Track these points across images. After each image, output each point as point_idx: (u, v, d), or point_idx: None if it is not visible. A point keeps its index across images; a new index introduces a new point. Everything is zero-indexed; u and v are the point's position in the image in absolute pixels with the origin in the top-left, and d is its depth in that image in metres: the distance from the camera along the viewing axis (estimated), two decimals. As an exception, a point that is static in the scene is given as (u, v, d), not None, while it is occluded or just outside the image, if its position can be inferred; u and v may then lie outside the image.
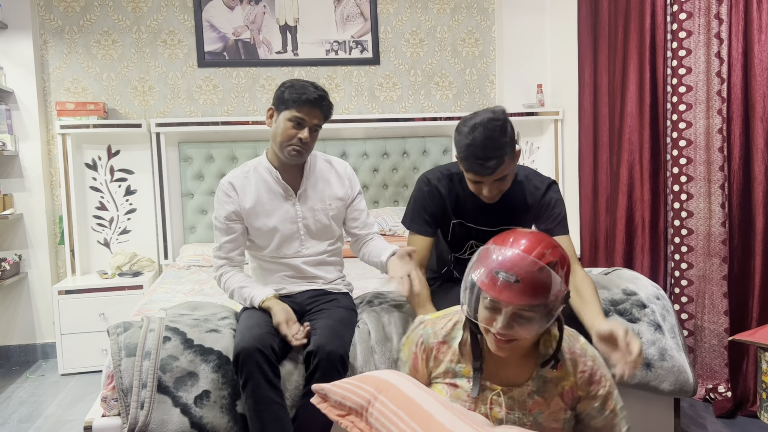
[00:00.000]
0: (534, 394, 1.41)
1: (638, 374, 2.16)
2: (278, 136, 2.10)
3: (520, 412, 1.41)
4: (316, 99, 2.05)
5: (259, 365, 1.83)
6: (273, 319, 1.99)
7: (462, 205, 2.07)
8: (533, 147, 4.31)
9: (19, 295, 3.86)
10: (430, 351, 1.49)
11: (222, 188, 2.18)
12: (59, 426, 2.85)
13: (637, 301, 2.30)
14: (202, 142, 3.98)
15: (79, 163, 3.88)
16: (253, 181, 2.18)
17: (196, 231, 4.00)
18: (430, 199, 2.07)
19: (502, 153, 1.80)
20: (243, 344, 1.86)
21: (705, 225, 2.83)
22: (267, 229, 2.16)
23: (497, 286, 1.30)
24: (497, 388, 1.42)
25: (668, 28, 2.95)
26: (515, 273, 1.29)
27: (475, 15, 4.33)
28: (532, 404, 1.41)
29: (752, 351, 2.70)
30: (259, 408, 1.82)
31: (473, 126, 1.80)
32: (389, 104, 4.28)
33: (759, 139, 2.66)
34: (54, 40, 3.92)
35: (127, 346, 1.98)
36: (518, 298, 1.29)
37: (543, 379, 1.43)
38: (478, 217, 2.07)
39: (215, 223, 2.19)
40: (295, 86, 2.07)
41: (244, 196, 2.15)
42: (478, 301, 1.35)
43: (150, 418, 1.87)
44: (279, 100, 2.10)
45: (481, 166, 1.80)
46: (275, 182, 2.17)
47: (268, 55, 4.13)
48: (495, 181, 1.87)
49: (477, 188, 1.92)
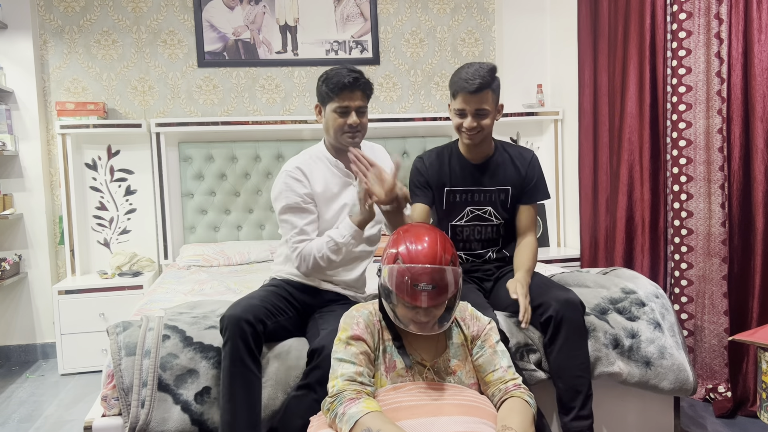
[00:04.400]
0: (453, 359, 1.70)
1: (638, 372, 2.17)
2: (330, 128, 2.16)
3: (448, 376, 1.69)
4: (351, 83, 2.09)
5: (243, 332, 1.85)
6: (365, 201, 2.01)
7: (453, 172, 2.31)
8: (533, 147, 4.31)
9: (19, 295, 3.86)
10: (372, 326, 1.69)
11: (290, 174, 2.14)
12: (59, 426, 2.85)
13: (636, 299, 2.30)
14: (202, 142, 3.98)
15: (79, 163, 3.88)
16: (317, 167, 2.20)
17: (196, 231, 4.00)
18: (422, 170, 2.32)
19: (488, 80, 2.13)
20: (232, 311, 1.90)
21: (705, 225, 2.83)
22: (334, 212, 2.18)
23: (418, 296, 1.56)
24: (427, 363, 1.68)
25: (668, 28, 2.95)
26: (430, 282, 1.56)
27: (475, 15, 4.34)
28: (453, 367, 1.70)
29: (752, 351, 2.70)
30: (233, 370, 1.84)
31: (468, 64, 2.17)
32: (389, 104, 4.28)
33: (759, 139, 2.66)
34: (54, 40, 3.92)
35: (127, 346, 1.98)
36: (435, 299, 1.57)
37: (455, 346, 1.72)
38: (468, 180, 2.31)
39: (286, 211, 2.12)
40: (329, 77, 2.12)
41: (313, 181, 2.17)
42: (396, 304, 1.60)
43: (151, 416, 1.87)
44: (320, 95, 2.17)
45: (467, 83, 2.11)
46: (336, 168, 2.22)
47: (268, 55, 4.13)
48: (476, 113, 2.15)
49: (460, 121, 2.19)
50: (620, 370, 2.16)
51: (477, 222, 2.34)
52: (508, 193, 2.33)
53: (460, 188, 2.31)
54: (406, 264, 1.58)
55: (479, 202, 2.32)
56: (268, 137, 4.03)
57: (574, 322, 2.05)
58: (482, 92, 2.13)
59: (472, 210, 2.32)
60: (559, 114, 4.12)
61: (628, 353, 2.18)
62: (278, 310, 2.05)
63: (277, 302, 2.07)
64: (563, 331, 2.03)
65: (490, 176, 2.31)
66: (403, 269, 1.57)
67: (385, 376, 1.66)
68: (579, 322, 2.08)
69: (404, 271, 1.57)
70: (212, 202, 4.00)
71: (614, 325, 2.21)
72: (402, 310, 1.60)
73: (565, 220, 4.22)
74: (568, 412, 2.01)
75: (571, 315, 2.05)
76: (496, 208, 2.33)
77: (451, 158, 2.32)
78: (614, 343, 2.18)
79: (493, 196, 2.32)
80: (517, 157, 2.34)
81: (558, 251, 4.08)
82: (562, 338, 2.03)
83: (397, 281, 1.58)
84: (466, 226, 2.34)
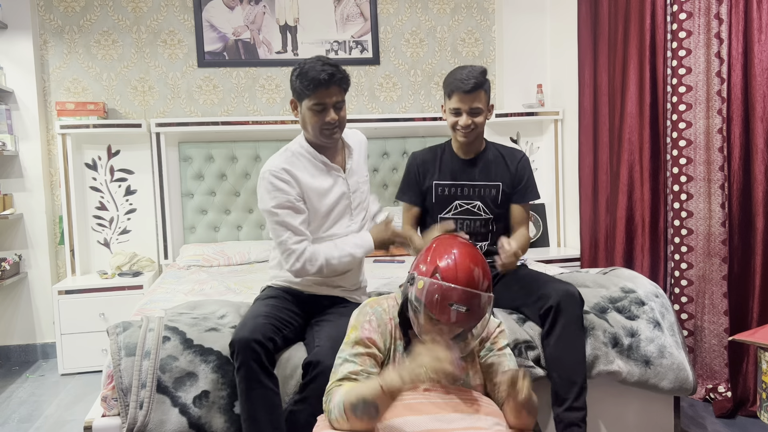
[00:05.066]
0: (460, 360, 1.65)
1: (637, 371, 2.17)
2: (308, 125, 2.11)
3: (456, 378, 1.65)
4: (327, 79, 2.03)
5: (256, 353, 1.83)
6: (395, 240, 2.20)
7: (443, 167, 2.41)
8: (533, 147, 4.31)
9: (19, 295, 3.87)
10: (384, 326, 1.67)
11: (277, 176, 2.07)
12: (59, 426, 2.85)
13: (636, 298, 2.30)
14: (202, 142, 3.98)
15: (79, 163, 3.88)
16: (302, 164, 2.14)
17: (196, 231, 4.00)
18: (413, 165, 2.45)
19: (481, 81, 2.25)
20: (242, 333, 1.87)
21: (705, 225, 2.83)
22: (327, 207, 2.15)
23: (450, 315, 1.54)
24: None
25: (668, 28, 2.95)
26: (466, 305, 1.53)
27: (475, 15, 4.33)
28: (461, 369, 1.67)
29: (752, 351, 2.69)
30: (251, 393, 1.82)
31: (461, 67, 2.30)
32: (389, 104, 4.28)
33: (759, 139, 2.65)
34: (54, 40, 3.92)
35: (127, 346, 1.98)
36: (465, 322, 1.57)
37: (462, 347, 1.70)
38: (456, 174, 2.40)
39: (278, 212, 2.05)
40: (303, 72, 2.05)
41: (300, 179, 2.11)
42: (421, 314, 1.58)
43: (149, 418, 1.87)
44: (295, 90, 2.12)
45: (462, 83, 2.23)
46: (322, 162, 2.16)
47: (268, 55, 4.13)
48: (470, 111, 2.26)
49: (455, 120, 2.30)
50: (619, 369, 2.16)
51: (465, 216, 2.38)
52: (499, 189, 2.38)
53: (449, 182, 2.39)
54: (446, 281, 1.54)
55: (468, 196, 2.39)
56: (268, 137, 4.03)
57: (573, 315, 2.07)
58: (476, 92, 2.25)
59: (460, 204, 2.39)
60: (559, 114, 4.12)
61: (627, 352, 2.18)
62: (284, 323, 2.01)
63: (281, 315, 2.03)
64: (561, 323, 2.05)
65: (480, 172, 2.40)
66: (441, 287, 1.54)
67: None
68: (577, 315, 2.09)
69: (442, 288, 1.54)
70: (212, 202, 4.00)
71: (614, 324, 2.21)
72: (427, 324, 1.58)
73: (565, 220, 4.22)
74: (562, 404, 2.01)
75: (569, 307, 2.06)
76: (485, 202, 2.37)
77: (443, 154, 2.44)
78: (613, 341, 2.18)
79: (482, 191, 2.38)
80: (508, 155, 2.44)
81: (558, 251, 4.08)
82: (559, 329, 2.05)
83: (429, 296, 1.55)
84: (454, 219, 2.37)
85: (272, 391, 1.85)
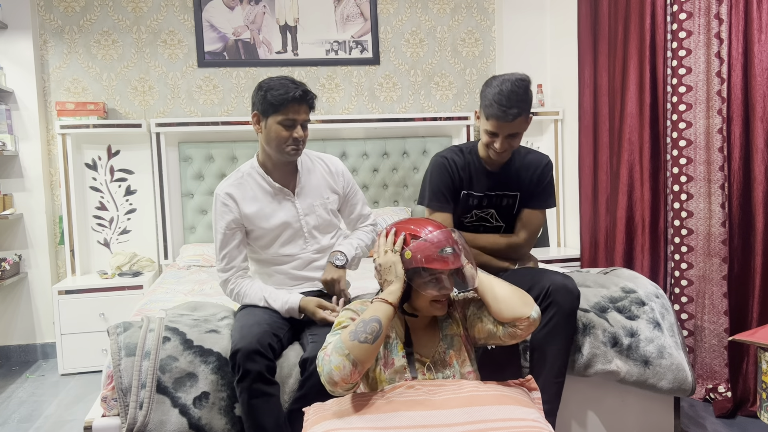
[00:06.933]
0: (448, 350, 1.75)
1: (636, 371, 2.17)
2: (272, 141, 2.10)
3: (445, 369, 1.73)
4: (300, 96, 2.06)
5: (259, 365, 1.84)
6: (314, 316, 2.06)
7: (472, 175, 2.28)
8: (533, 147, 4.30)
9: (19, 295, 3.87)
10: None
11: (219, 199, 2.17)
12: (59, 426, 2.85)
13: (636, 298, 2.30)
14: (202, 142, 3.98)
15: (79, 163, 3.88)
16: (249, 186, 2.18)
17: (196, 231, 4.00)
18: (448, 174, 2.27)
19: (524, 107, 2.07)
20: (241, 344, 1.86)
21: (705, 225, 2.83)
22: (272, 230, 2.17)
23: (448, 260, 1.66)
24: (426, 360, 1.73)
25: (668, 28, 2.95)
26: (451, 245, 1.67)
27: (475, 15, 4.33)
28: (449, 359, 1.74)
29: (752, 351, 2.69)
30: (254, 402, 1.83)
31: (503, 80, 2.07)
32: (389, 104, 4.28)
33: (759, 139, 2.65)
34: (54, 40, 3.92)
35: (127, 346, 1.98)
36: (458, 259, 1.68)
37: (448, 337, 1.77)
38: (483, 184, 2.28)
39: (216, 235, 2.18)
40: (273, 88, 2.06)
41: (243, 203, 2.15)
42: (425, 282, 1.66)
43: (149, 418, 1.87)
44: (263, 104, 2.08)
45: (504, 113, 2.04)
46: (270, 185, 2.18)
47: (268, 55, 4.13)
48: (508, 135, 2.10)
49: (491, 140, 2.14)
50: (618, 368, 2.16)
51: (479, 222, 2.35)
52: (516, 199, 2.32)
53: (477, 193, 2.30)
54: (427, 237, 1.68)
55: (485, 206, 2.32)
56: (268, 137, 4.02)
57: (565, 306, 2.03)
58: (518, 119, 2.08)
59: (477, 213, 2.33)
60: (559, 114, 4.12)
61: (626, 352, 2.18)
62: (279, 327, 2.03)
63: (276, 318, 2.06)
64: (552, 311, 2.01)
65: (502, 182, 2.29)
66: (426, 241, 1.67)
67: (383, 370, 1.69)
68: (570, 308, 2.05)
69: (428, 241, 1.67)
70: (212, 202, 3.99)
71: (613, 324, 2.21)
72: (430, 284, 1.66)
73: (565, 220, 4.22)
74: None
75: (562, 298, 2.02)
76: (499, 211, 2.33)
77: (471, 162, 2.29)
78: (613, 341, 2.18)
79: (500, 200, 2.32)
80: (533, 162, 2.32)
81: (558, 251, 4.08)
82: (547, 318, 2.01)
83: (423, 254, 1.65)
84: (470, 227, 2.35)
85: (275, 398, 1.87)
